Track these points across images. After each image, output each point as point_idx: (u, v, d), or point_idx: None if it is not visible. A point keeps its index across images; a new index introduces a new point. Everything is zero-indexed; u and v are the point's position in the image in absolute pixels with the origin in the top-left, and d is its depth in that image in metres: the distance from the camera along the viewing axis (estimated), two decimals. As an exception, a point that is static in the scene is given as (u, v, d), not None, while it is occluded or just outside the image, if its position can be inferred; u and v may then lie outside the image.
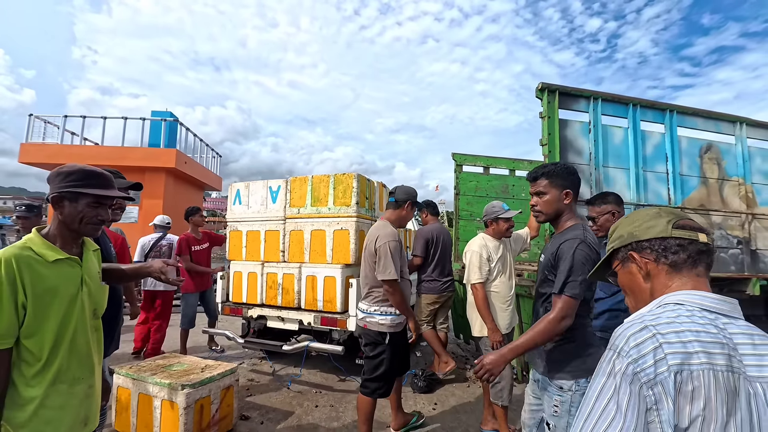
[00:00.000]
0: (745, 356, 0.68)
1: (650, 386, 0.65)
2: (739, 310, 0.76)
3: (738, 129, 3.83)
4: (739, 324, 0.73)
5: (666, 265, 0.82)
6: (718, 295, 0.76)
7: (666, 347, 0.67)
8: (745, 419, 0.64)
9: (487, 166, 5.58)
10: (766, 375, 0.67)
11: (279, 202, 3.93)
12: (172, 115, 9.59)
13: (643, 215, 0.90)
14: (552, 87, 3.24)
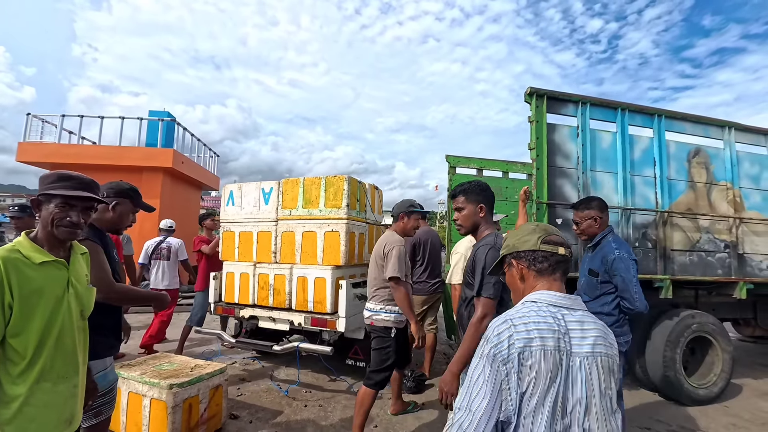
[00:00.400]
0: (573, 338, 0.94)
1: (504, 364, 0.90)
2: (580, 304, 1.03)
3: (726, 134, 3.87)
4: (575, 314, 0.99)
5: (534, 271, 1.07)
6: (563, 294, 1.03)
7: (515, 335, 0.92)
8: (562, 382, 0.91)
9: (480, 168, 5.61)
10: (584, 351, 0.94)
11: (271, 204, 3.97)
12: (170, 114, 9.61)
13: (523, 230, 1.15)
14: (540, 91, 3.28)
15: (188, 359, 3.06)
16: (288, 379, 3.88)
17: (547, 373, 0.90)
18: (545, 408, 0.89)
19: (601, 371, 0.95)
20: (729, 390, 3.82)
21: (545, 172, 3.22)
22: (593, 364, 0.94)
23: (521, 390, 0.90)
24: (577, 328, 0.96)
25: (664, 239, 3.52)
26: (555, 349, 0.91)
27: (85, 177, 1.48)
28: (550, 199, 3.23)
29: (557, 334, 0.93)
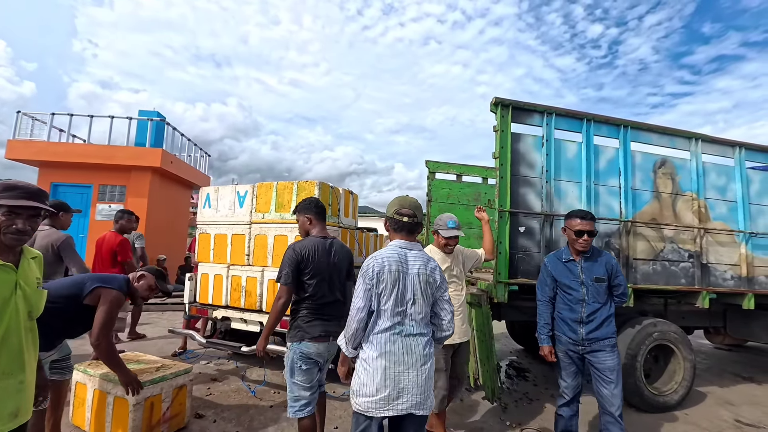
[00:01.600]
0: (408, 264, 1.75)
1: (369, 279, 1.70)
2: (417, 246, 1.84)
3: (693, 145, 3.94)
4: (412, 252, 1.79)
5: (392, 229, 1.87)
6: (406, 241, 1.82)
7: (375, 264, 1.72)
8: (400, 286, 1.71)
9: (460, 174, 5.69)
10: (413, 271, 1.74)
11: (246, 207, 4.03)
12: (159, 114, 9.65)
13: (390, 204, 1.90)
14: (506, 101, 3.35)
15: (157, 359, 3.11)
16: (259, 380, 3.93)
17: (393, 282, 1.70)
18: (391, 300, 1.70)
19: (422, 281, 1.74)
20: (693, 398, 3.89)
21: (509, 180, 3.29)
22: (416, 278, 1.74)
23: (378, 292, 1.70)
24: (411, 259, 1.77)
25: (627, 248, 3.59)
26: (397, 270, 1.71)
27: (31, 186, 1.56)
28: (513, 207, 3.30)
29: (399, 261, 1.73)
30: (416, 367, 1.67)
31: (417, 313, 1.71)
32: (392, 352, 1.66)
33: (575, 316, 2.60)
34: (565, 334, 2.65)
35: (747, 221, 4.00)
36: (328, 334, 2.31)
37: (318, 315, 2.32)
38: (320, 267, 2.33)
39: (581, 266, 2.62)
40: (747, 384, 4.62)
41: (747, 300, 3.89)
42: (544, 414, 3.45)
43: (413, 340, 1.70)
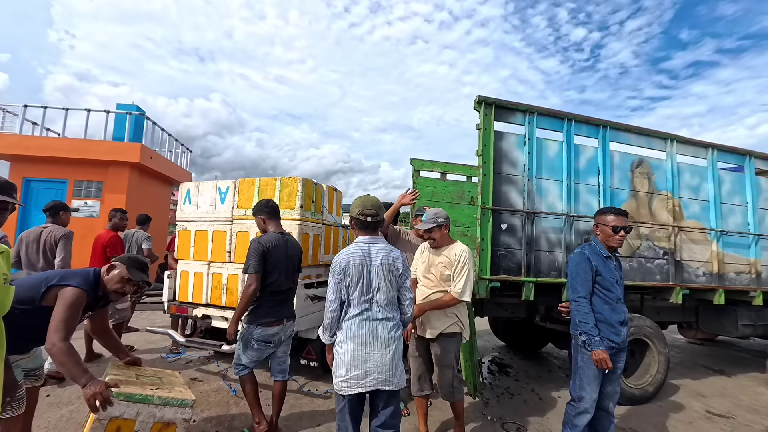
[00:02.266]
0: (372, 257, 1.98)
1: (337, 274, 1.95)
2: (380, 240, 2.07)
3: (669, 146, 4.07)
4: (375, 246, 2.02)
5: (357, 228, 2.09)
6: (369, 236, 2.04)
7: (341, 260, 1.96)
8: (365, 277, 1.95)
9: (444, 172, 5.71)
10: (376, 263, 1.97)
11: (227, 203, 3.96)
12: (139, 108, 9.39)
13: (355, 205, 2.08)
14: (489, 100, 3.38)
15: (166, 372, 2.47)
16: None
17: (357, 275, 1.93)
18: (357, 290, 1.93)
19: (385, 270, 1.96)
20: (667, 390, 4.03)
21: (491, 178, 3.33)
22: (380, 267, 1.95)
23: (346, 284, 1.94)
24: (374, 252, 1.99)
25: (605, 245, 3.68)
26: (361, 263, 1.94)
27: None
28: (495, 204, 3.34)
29: (362, 256, 1.96)
30: (381, 348, 1.91)
31: (383, 299, 1.96)
32: (359, 336, 1.91)
33: (620, 317, 2.41)
34: (607, 338, 2.38)
35: (718, 220, 4.16)
36: (282, 317, 2.73)
37: (275, 301, 2.71)
38: (279, 258, 2.70)
39: (614, 264, 2.49)
40: (717, 376, 4.81)
41: (718, 296, 4.04)
42: (524, 408, 3.51)
43: (379, 324, 1.93)
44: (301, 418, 3.11)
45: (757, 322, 4.47)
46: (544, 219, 3.52)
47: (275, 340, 2.73)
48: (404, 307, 2.06)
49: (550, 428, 3.13)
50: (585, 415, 2.40)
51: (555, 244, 3.55)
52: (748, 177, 4.40)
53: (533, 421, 3.24)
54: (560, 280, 3.51)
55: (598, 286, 2.42)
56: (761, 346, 5.91)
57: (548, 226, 3.54)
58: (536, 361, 5.14)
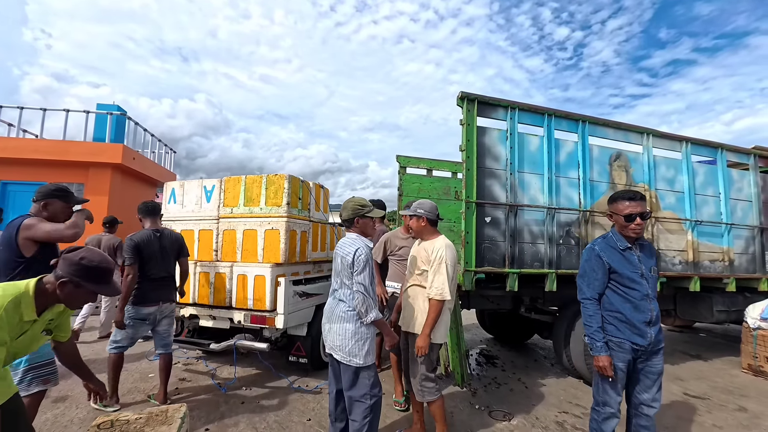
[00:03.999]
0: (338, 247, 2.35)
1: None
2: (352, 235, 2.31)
3: (645, 139, 4.21)
4: (342, 239, 2.36)
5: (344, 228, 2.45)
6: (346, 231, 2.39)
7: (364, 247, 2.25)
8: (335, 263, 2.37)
9: (430, 169, 5.78)
10: (338, 252, 2.32)
11: (213, 202, 3.94)
12: (120, 108, 9.20)
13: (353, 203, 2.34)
14: (471, 96, 3.45)
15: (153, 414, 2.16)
16: (230, 377, 3.87)
17: (335, 263, 2.32)
18: (333, 272, 2.36)
19: (339, 261, 2.25)
20: (646, 375, 4.17)
21: (475, 172, 3.40)
22: (338, 257, 2.27)
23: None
24: (340, 244, 2.31)
25: (586, 236, 3.80)
26: (335, 252, 2.32)
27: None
28: (479, 198, 3.41)
29: (337, 247, 2.31)
30: (330, 322, 2.27)
31: (340, 283, 2.27)
32: (326, 310, 2.35)
33: (645, 317, 2.12)
34: (629, 340, 2.14)
35: (693, 210, 4.32)
36: (158, 300, 3.20)
37: (152, 285, 3.18)
38: (152, 251, 3.19)
39: (638, 255, 2.18)
40: (694, 361, 5.00)
41: (693, 283, 4.20)
42: (511, 396, 3.60)
43: (335, 302, 2.29)
44: (291, 413, 3.13)
45: (731, 307, 4.66)
46: (526, 212, 3.61)
47: (151, 318, 3.19)
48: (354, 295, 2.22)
49: (536, 415, 3.22)
50: (612, 420, 2.19)
51: (537, 236, 3.65)
52: (721, 169, 4.59)
53: (519, 409, 3.33)
54: (543, 270, 3.60)
55: (615, 284, 2.17)
56: (736, 331, 6.15)
57: (531, 219, 3.63)
58: (523, 351, 5.26)
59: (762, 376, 4.33)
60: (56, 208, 2.43)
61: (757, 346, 4.40)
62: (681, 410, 3.44)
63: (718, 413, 3.39)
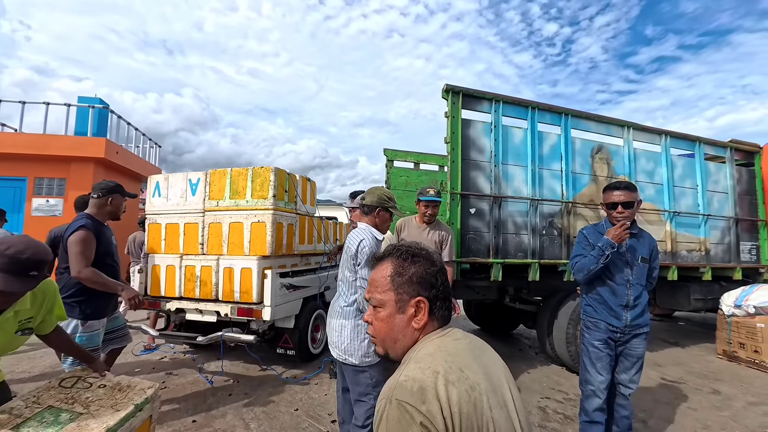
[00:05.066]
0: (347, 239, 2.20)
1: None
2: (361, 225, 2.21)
3: (626, 132, 4.30)
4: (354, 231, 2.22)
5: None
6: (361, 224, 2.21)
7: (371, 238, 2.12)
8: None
9: (417, 162, 5.82)
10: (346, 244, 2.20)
11: (198, 195, 3.91)
12: (102, 101, 8.99)
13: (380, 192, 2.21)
14: (456, 89, 3.48)
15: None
16: (217, 370, 3.87)
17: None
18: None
19: (346, 251, 2.11)
20: (626, 362, 4.30)
21: (459, 164, 3.44)
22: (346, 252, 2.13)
23: None
24: (349, 234, 2.17)
25: (568, 227, 3.88)
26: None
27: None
28: (464, 190, 3.46)
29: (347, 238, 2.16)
30: (330, 317, 2.17)
31: (342, 275, 2.17)
32: (331, 303, 2.23)
33: (621, 300, 2.25)
34: (605, 321, 2.28)
35: (671, 202, 4.45)
36: None
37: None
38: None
39: (627, 243, 2.29)
40: (672, 348, 5.16)
41: (671, 272, 4.33)
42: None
43: (336, 296, 2.20)
44: (278, 404, 3.16)
45: (707, 296, 4.82)
46: (510, 203, 3.68)
47: None
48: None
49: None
50: (593, 399, 2.28)
51: (521, 227, 3.72)
52: (698, 162, 4.72)
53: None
54: (527, 261, 3.67)
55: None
56: (712, 319, 6.36)
57: (514, 210, 3.70)
58: (508, 341, 5.36)
59: (735, 361, 4.50)
60: (118, 202, 2.70)
61: (731, 332, 4.57)
62: (658, 394, 3.56)
63: (694, 396, 3.52)
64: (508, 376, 0.88)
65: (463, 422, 0.70)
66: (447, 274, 0.94)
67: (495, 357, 0.91)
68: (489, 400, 0.75)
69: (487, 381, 0.79)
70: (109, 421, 1.63)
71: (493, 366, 0.86)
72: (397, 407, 0.72)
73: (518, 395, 0.86)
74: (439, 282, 0.89)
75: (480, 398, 0.74)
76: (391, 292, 0.89)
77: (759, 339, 4.26)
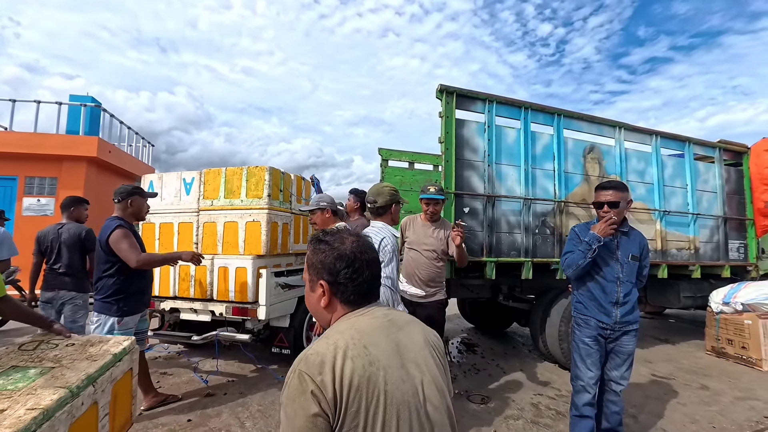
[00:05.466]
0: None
1: None
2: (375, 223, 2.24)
3: (617, 133, 4.37)
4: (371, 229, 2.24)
5: None
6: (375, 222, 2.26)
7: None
8: None
9: (412, 162, 5.85)
10: None
11: (193, 194, 3.90)
12: (94, 100, 8.93)
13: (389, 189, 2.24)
14: (450, 89, 3.51)
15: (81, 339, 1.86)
16: (212, 369, 3.87)
17: None
18: None
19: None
20: (618, 358, 4.36)
21: (453, 164, 3.47)
22: None
23: None
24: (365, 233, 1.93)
25: (560, 226, 3.93)
26: None
27: None
28: (458, 189, 3.49)
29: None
30: None
31: None
32: None
33: (611, 297, 2.29)
34: (595, 317, 2.32)
35: (662, 201, 4.52)
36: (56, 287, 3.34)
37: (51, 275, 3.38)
38: (50, 244, 3.42)
39: (617, 241, 2.32)
40: (663, 345, 5.25)
41: (661, 270, 4.41)
42: (489, 381, 3.72)
43: None
44: (274, 402, 3.17)
45: (697, 293, 4.91)
46: (504, 202, 3.72)
47: (53, 303, 3.36)
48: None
49: (513, 398, 3.35)
50: (583, 394, 2.33)
51: (514, 226, 3.76)
52: (688, 162, 4.80)
53: (497, 392, 3.45)
54: (520, 259, 3.72)
55: (592, 264, 2.31)
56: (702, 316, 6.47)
57: (508, 209, 3.74)
58: (502, 339, 5.42)
59: (724, 357, 4.59)
60: (139, 203, 2.93)
61: (720, 329, 4.66)
62: (649, 390, 3.63)
63: (683, 392, 3.59)
64: (429, 351, 0.94)
65: (352, 393, 0.76)
66: (361, 263, 0.97)
67: (416, 334, 0.96)
68: (386, 375, 0.80)
69: (393, 357, 0.85)
70: (89, 369, 1.51)
71: (409, 343, 0.92)
72: (298, 376, 0.79)
73: (439, 368, 0.93)
74: (341, 268, 0.94)
75: (376, 373, 0.80)
76: (307, 273, 1.02)
77: (746, 335, 4.35)
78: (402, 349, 0.88)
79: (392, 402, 0.78)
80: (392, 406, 0.78)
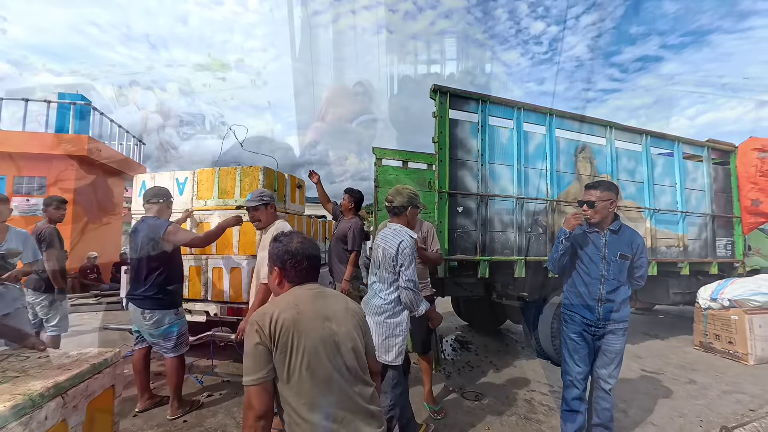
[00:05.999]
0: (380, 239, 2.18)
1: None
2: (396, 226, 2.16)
3: (608, 132, 4.42)
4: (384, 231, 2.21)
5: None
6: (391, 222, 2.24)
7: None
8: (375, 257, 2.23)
9: (405, 161, 5.85)
10: (381, 246, 2.15)
11: (186, 194, 3.88)
12: (84, 98, 8.81)
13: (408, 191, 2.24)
14: (444, 89, 3.53)
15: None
16: (208, 371, 3.86)
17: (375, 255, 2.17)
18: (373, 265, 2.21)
19: (381, 252, 2.09)
20: (608, 354, 4.44)
21: (447, 163, 3.50)
22: (378, 248, 2.13)
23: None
24: (381, 236, 2.14)
25: (553, 225, 3.98)
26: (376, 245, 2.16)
27: None
28: (451, 189, 3.52)
29: (380, 238, 2.14)
30: (371, 316, 2.08)
31: (380, 276, 2.13)
32: (364, 298, 2.25)
33: (593, 294, 2.32)
34: (579, 313, 2.37)
35: (651, 199, 4.59)
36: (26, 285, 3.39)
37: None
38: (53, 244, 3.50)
39: (606, 239, 2.32)
40: (653, 340, 5.35)
41: (651, 267, 4.48)
42: (483, 378, 3.77)
43: (372, 294, 2.17)
44: (269, 402, 3.17)
45: (686, 290, 5.01)
46: (497, 201, 3.75)
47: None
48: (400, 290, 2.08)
49: (506, 394, 3.39)
50: (572, 389, 2.37)
51: (507, 225, 3.80)
52: (677, 161, 4.88)
53: (491, 389, 3.49)
54: (513, 257, 3.76)
55: (578, 260, 2.38)
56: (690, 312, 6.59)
57: (501, 208, 3.78)
58: (496, 337, 5.47)
59: (711, 352, 4.69)
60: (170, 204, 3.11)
61: (708, 324, 4.76)
62: (638, 385, 3.70)
63: (671, 386, 3.67)
64: (350, 315, 1.32)
65: (283, 330, 1.16)
66: (302, 256, 1.33)
67: (338, 303, 1.34)
68: (308, 323, 1.19)
69: (316, 313, 1.24)
70: (58, 377, 1.31)
71: (332, 306, 1.30)
72: (251, 324, 1.20)
73: (356, 328, 1.31)
74: (288, 259, 1.32)
75: (300, 320, 1.19)
76: (269, 261, 1.40)
77: (733, 330, 4.45)
78: (324, 310, 1.26)
79: (310, 338, 1.17)
80: (310, 341, 1.16)
